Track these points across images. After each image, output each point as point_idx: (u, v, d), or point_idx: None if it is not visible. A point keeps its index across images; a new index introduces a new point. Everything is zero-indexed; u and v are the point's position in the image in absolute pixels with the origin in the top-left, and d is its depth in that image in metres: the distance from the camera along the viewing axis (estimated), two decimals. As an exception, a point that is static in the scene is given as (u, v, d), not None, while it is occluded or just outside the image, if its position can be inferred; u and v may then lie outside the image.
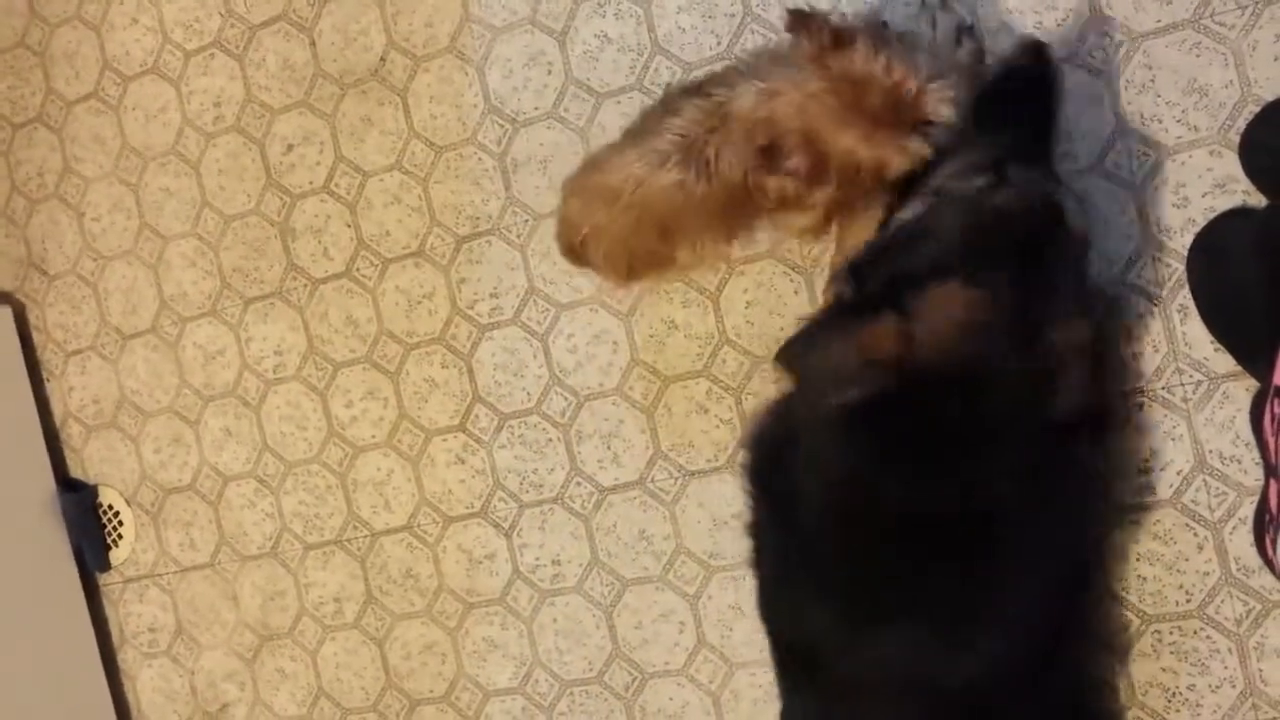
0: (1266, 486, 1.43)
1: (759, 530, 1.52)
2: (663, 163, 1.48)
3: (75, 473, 2.33)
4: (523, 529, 1.96)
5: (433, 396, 2.01)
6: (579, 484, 1.91)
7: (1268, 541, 1.41)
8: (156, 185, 2.20)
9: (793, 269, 1.74)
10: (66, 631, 2.25)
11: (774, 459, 1.48)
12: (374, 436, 2.06)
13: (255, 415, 2.16)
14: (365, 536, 2.09)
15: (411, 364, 2.02)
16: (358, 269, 2.04)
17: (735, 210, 1.50)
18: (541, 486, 1.94)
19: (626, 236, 1.57)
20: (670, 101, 1.53)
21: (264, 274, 2.12)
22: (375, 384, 2.05)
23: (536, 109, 1.88)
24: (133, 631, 2.31)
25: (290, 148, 2.08)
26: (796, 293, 1.74)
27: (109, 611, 2.33)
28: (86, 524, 2.28)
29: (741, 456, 1.57)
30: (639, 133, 1.55)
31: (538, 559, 1.95)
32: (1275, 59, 1.45)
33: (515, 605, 1.97)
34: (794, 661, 1.49)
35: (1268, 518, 1.42)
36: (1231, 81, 1.48)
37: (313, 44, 2.04)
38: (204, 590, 2.24)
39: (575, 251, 1.67)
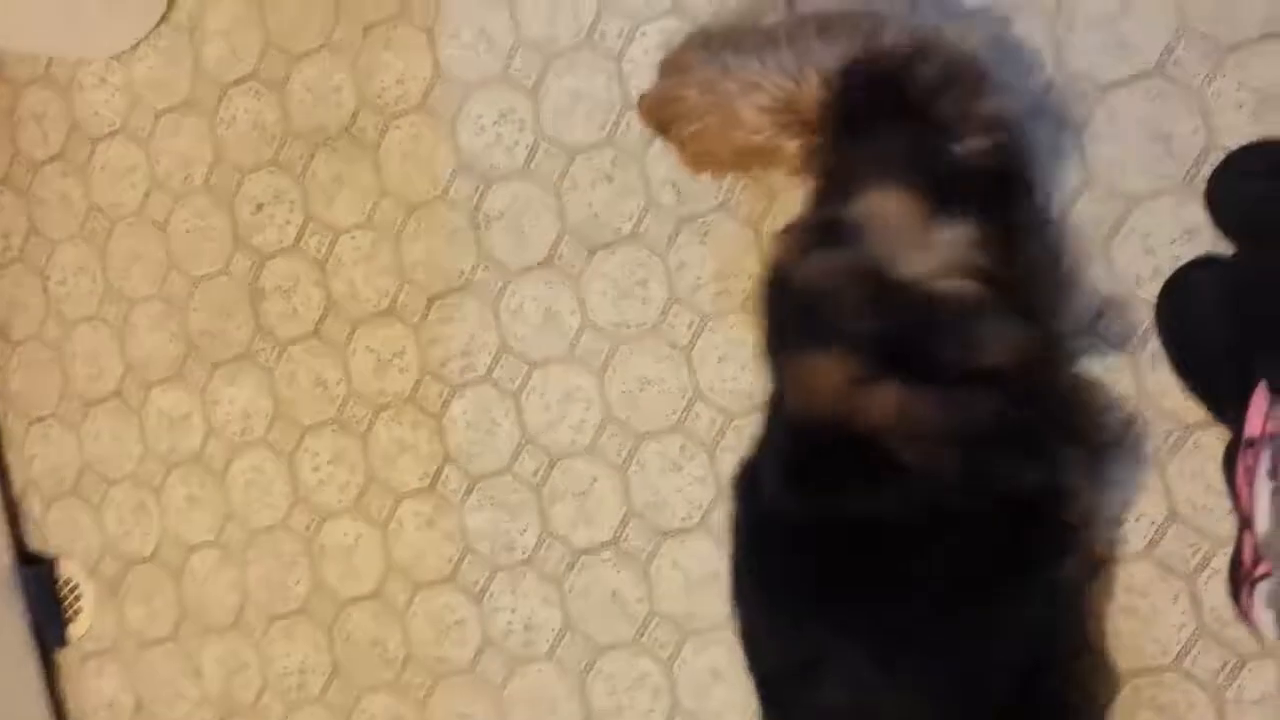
0: (1240, 538, 1.42)
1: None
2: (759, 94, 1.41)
3: (35, 543, 2.27)
4: (494, 593, 1.91)
5: (402, 458, 1.98)
6: (551, 545, 1.87)
7: (1243, 594, 1.40)
8: (123, 247, 2.18)
9: (765, 323, 1.73)
10: (20, 710, 2.17)
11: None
12: (341, 501, 2.03)
13: (220, 482, 2.12)
14: (331, 605, 2.03)
15: (381, 425, 1.99)
16: (327, 329, 2.02)
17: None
18: (513, 549, 1.90)
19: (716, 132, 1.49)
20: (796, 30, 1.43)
21: (232, 336, 2.10)
22: (343, 447, 2.02)
23: (508, 165, 1.88)
24: (91, 708, 2.23)
25: (260, 207, 2.07)
26: (769, 347, 1.73)
27: (66, 688, 2.26)
28: (44, 598, 2.22)
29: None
30: (762, 41, 1.45)
31: (509, 625, 1.90)
32: (1239, 107, 1.47)
33: (485, 674, 1.92)
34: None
35: (1242, 570, 1.41)
36: (1197, 129, 1.49)
37: (283, 103, 2.05)
38: (165, 665, 2.17)
39: (665, 128, 1.59)
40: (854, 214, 1.28)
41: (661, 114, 1.57)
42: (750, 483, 1.44)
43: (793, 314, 1.33)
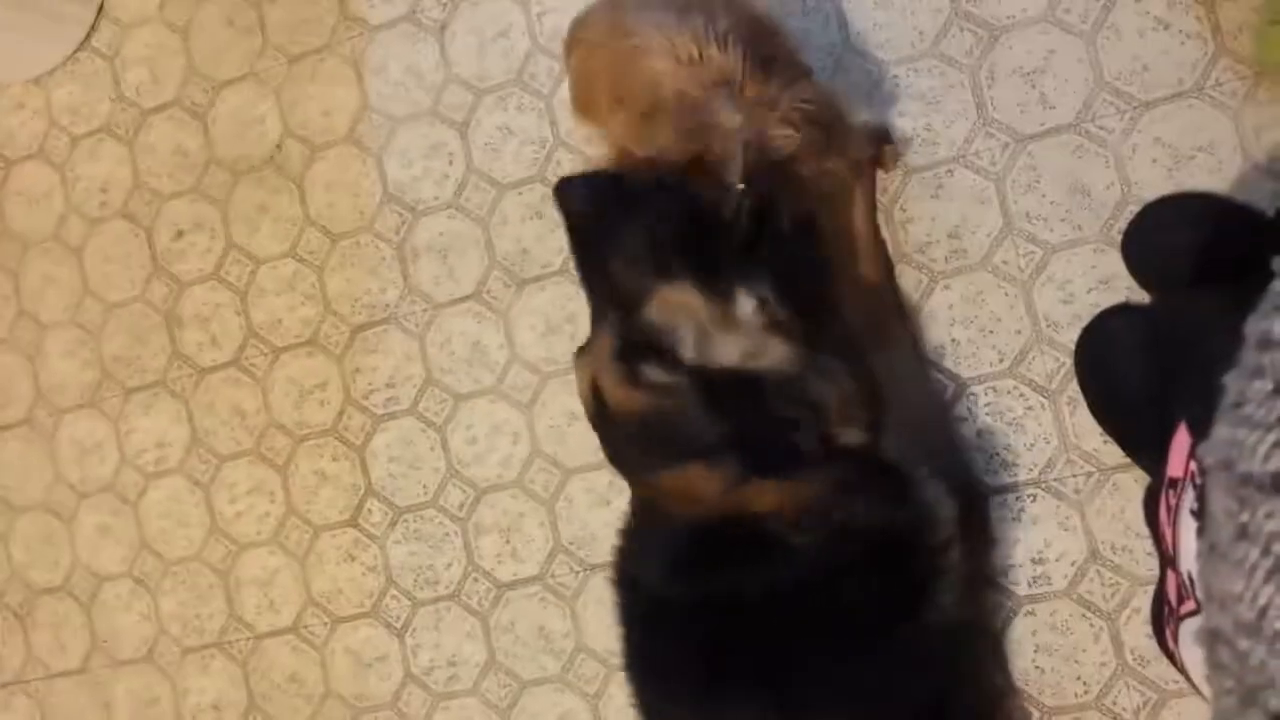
0: (1163, 578, 1.45)
1: None
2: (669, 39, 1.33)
3: (-64, 573, 2.20)
4: (416, 629, 1.89)
5: (323, 490, 1.95)
6: (476, 580, 1.86)
7: (1168, 634, 1.43)
8: (37, 272, 2.12)
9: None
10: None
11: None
12: (259, 533, 1.99)
13: (133, 511, 2.07)
14: (248, 639, 2.00)
15: (301, 457, 1.96)
16: (247, 358, 1.99)
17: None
18: (437, 583, 1.88)
19: (605, 70, 1.43)
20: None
21: (147, 363, 2.05)
22: (262, 478, 1.99)
23: (436, 198, 1.87)
24: (-7, 744, 2.16)
25: (180, 234, 2.03)
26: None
27: (-33, 722, 2.19)
28: (-55, 629, 2.15)
29: None
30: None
31: (432, 660, 1.88)
32: (1153, 161, 1.52)
33: (407, 710, 1.90)
34: None
35: (1167, 610, 1.44)
36: (1113, 183, 1.54)
37: (206, 130, 2.01)
38: (74, 697, 2.11)
39: (566, 51, 1.54)
40: (651, 321, 1.28)
41: (569, 37, 1.51)
42: (629, 584, 1.45)
43: (640, 437, 1.32)
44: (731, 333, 1.29)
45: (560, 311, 1.80)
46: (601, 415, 1.32)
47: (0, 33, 2.04)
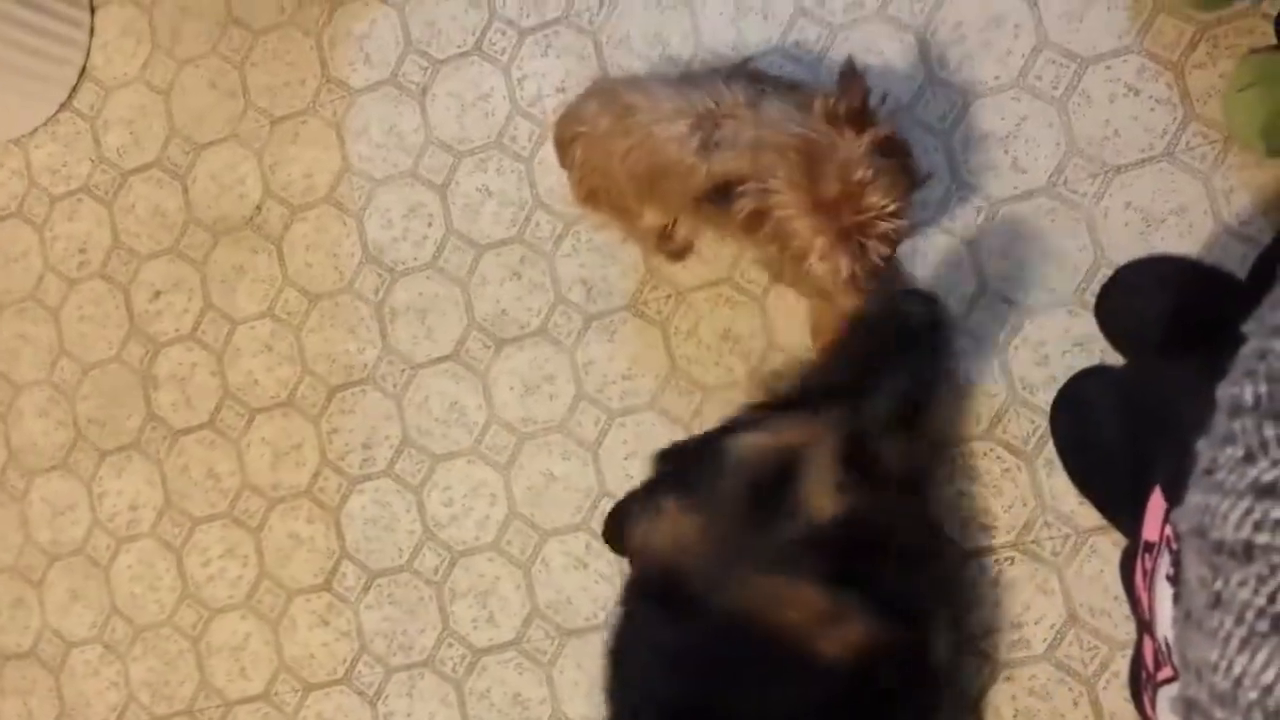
0: (1140, 643, 1.44)
1: None
2: (681, 116, 1.38)
3: (-99, 638, 2.16)
4: (389, 696, 1.86)
5: (296, 554, 1.93)
6: (451, 645, 1.83)
7: (1146, 700, 1.42)
8: (11, 331, 2.11)
9: (674, 420, 1.74)
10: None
11: None
12: (231, 597, 1.96)
13: (104, 575, 2.03)
14: (218, 706, 1.96)
15: (275, 519, 1.94)
16: (222, 419, 1.98)
17: (710, 204, 1.41)
18: (411, 649, 1.86)
19: (611, 160, 1.47)
20: (722, 73, 1.45)
21: (122, 424, 2.04)
22: (235, 541, 1.96)
23: (416, 259, 1.88)
24: (-47, 815, 2.11)
25: (157, 294, 2.02)
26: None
27: (-72, 793, 2.13)
28: (-93, 696, 2.10)
29: None
30: (685, 81, 1.47)
31: (405, 726, 1.85)
32: (1125, 224, 1.54)
33: (379, 778, 1.86)
34: None
35: (1144, 675, 1.43)
36: (1085, 245, 1.56)
37: (186, 191, 2.02)
38: (38, 768, 2.07)
39: (563, 145, 1.57)
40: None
41: (567, 131, 1.54)
42: None
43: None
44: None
45: (538, 372, 1.80)
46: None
47: (-20, 94, 2.05)
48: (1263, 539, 0.64)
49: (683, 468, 1.40)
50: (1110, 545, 1.52)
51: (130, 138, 2.07)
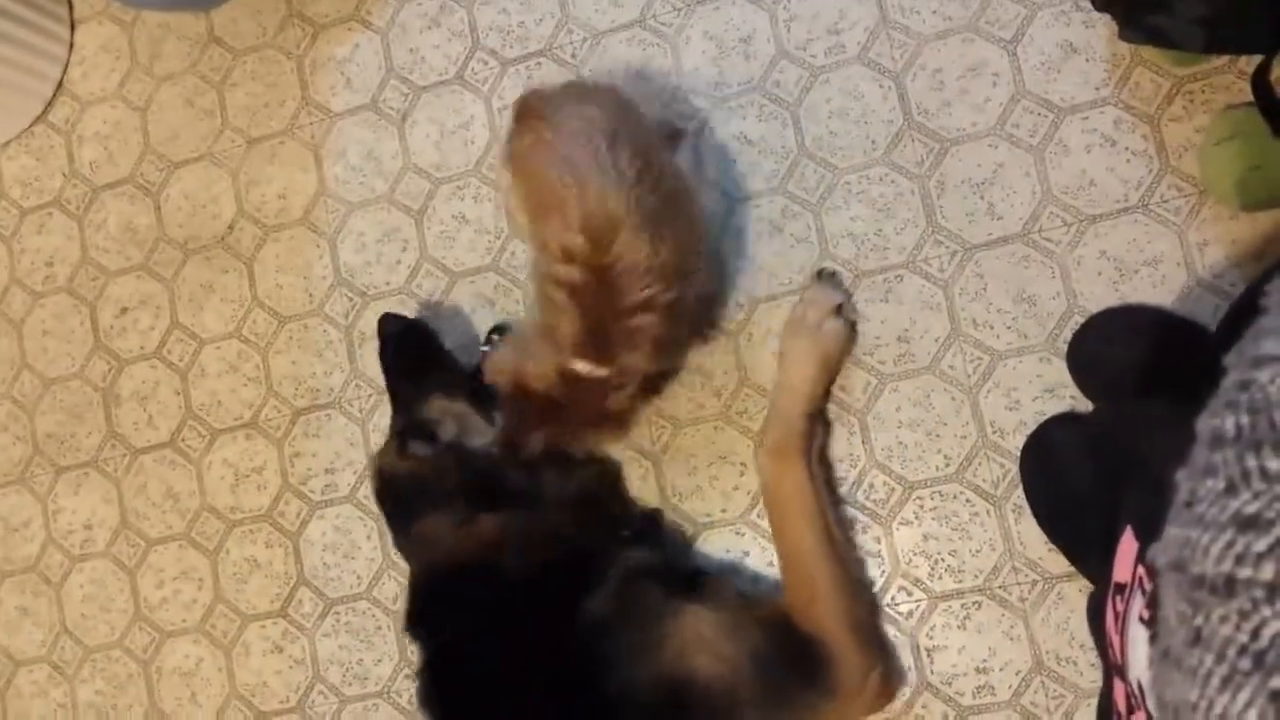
0: (1110, 687, 1.43)
1: None
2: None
3: None
4: (343, 726, 1.83)
5: (253, 578, 1.89)
6: (407, 677, 1.80)
7: (1117, 745, 1.41)
8: (-28, 343, 2.08)
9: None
10: None
11: None
12: (185, 620, 1.92)
13: (55, 594, 1.99)
14: (166, 733, 1.91)
15: (233, 542, 1.91)
16: (183, 439, 1.94)
17: None
18: (366, 679, 1.82)
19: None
20: None
21: (81, 442, 2.00)
22: (191, 563, 1.92)
23: (389, 284, 1.86)
24: (-116, 840, 2.04)
25: (124, 311, 2.00)
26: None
27: None
28: None
29: None
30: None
31: (357, 759, 1.81)
32: (1099, 274, 1.55)
33: (328, 812, 1.82)
34: None
35: (1116, 719, 1.42)
36: (1059, 293, 1.56)
37: (158, 209, 2.00)
38: (-22, 791, 2.01)
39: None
40: (428, 415, 1.63)
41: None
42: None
43: (403, 499, 1.61)
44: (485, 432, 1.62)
45: (507, 402, 1.78)
46: (383, 483, 1.64)
47: (-47, 106, 2.03)
48: (1245, 573, 0.62)
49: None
50: (1077, 592, 1.52)
51: (104, 153, 2.06)
